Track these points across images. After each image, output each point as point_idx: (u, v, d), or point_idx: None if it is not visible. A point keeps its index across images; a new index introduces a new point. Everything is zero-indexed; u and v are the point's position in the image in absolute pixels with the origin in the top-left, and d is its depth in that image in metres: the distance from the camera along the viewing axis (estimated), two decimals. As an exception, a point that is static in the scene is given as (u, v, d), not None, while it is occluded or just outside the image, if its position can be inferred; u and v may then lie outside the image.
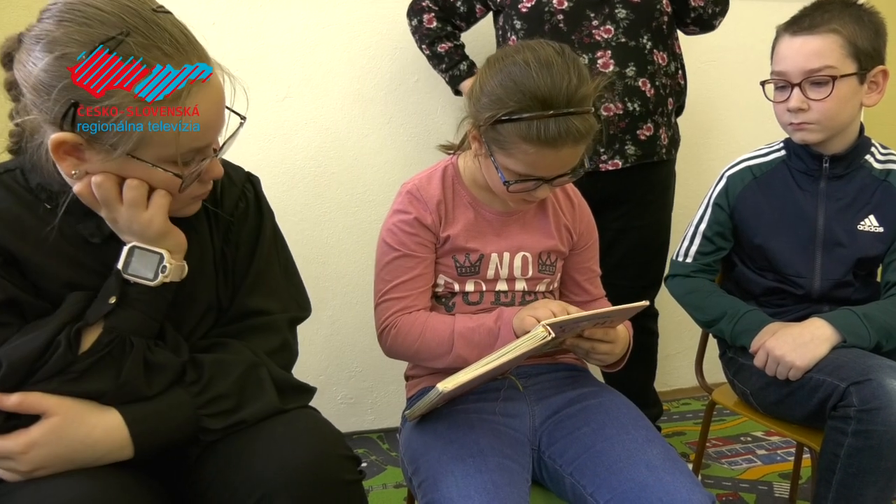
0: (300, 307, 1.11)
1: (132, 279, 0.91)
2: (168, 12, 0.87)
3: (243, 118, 0.94)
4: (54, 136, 0.83)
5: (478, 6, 1.96)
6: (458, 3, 1.95)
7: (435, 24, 1.97)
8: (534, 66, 1.09)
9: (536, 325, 1.04)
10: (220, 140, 0.94)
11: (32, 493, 0.81)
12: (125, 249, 0.91)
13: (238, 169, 1.11)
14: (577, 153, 1.14)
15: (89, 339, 0.88)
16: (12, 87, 0.88)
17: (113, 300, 0.89)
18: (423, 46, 2.01)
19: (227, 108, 0.92)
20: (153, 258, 0.91)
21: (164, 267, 0.91)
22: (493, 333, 1.18)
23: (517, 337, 1.13)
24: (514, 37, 1.85)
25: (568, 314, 1.10)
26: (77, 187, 0.87)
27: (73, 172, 0.86)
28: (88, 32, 0.80)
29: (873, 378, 1.21)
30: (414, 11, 1.99)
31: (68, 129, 0.82)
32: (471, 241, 1.27)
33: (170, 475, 0.96)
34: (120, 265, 0.90)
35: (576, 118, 1.09)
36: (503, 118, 1.10)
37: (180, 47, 0.85)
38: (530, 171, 1.14)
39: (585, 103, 1.10)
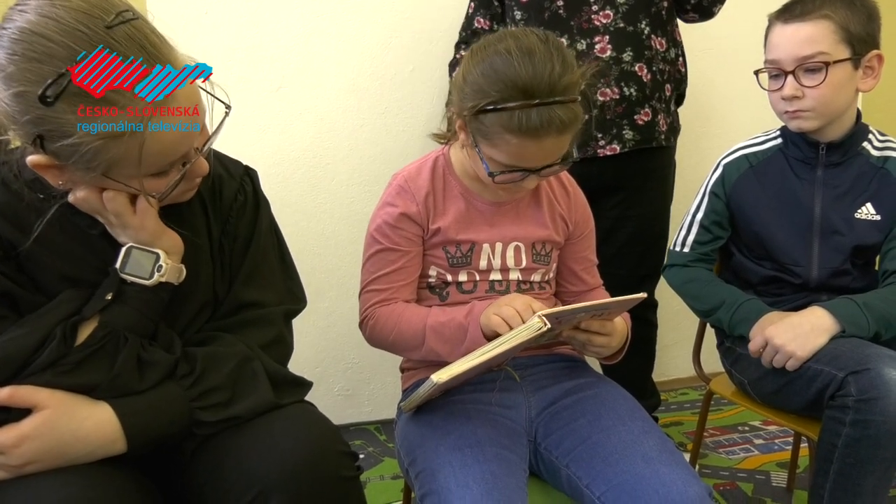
0: (296, 299, 1.11)
1: (129, 278, 0.92)
2: (129, 20, 0.81)
3: (228, 107, 0.92)
4: (29, 157, 0.83)
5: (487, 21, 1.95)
6: (479, 27, 1.95)
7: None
8: (515, 55, 1.07)
9: (533, 316, 1.03)
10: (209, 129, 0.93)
11: (25, 491, 0.80)
12: (122, 250, 0.92)
13: (236, 163, 1.11)
14: (562, 143, 1.13)
15: (84, 333, 0.88)
16: None
17: (109, 296, 0.90)
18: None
19: (207, 92, 0.90)
20: (149, 258, 0.93)
21: (161, 266, 0.92)
22: (463, 329, 1.17)
23: (484, 334, 1.12)
24: (514, 28, 1.84)
25: (531, 308, 1.08)
26: (70, 198, 0.89)
27: (59, 183, 0.87)
28: (39, 70, 0.77)
29: (872, 368, 1.20)
30: (453, 65, 2.01)
31: (41, 153, 0.82)
32: (462, 232, 1.26)
33: (165, 472, 0.96)
34: (117, 264, 0.92)
35: (559, 108, 1.07)
36: (485, 108, 1.09)
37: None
38: (514, 161, 1.13)
39: (570, 92, 1.08)
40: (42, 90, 0.77)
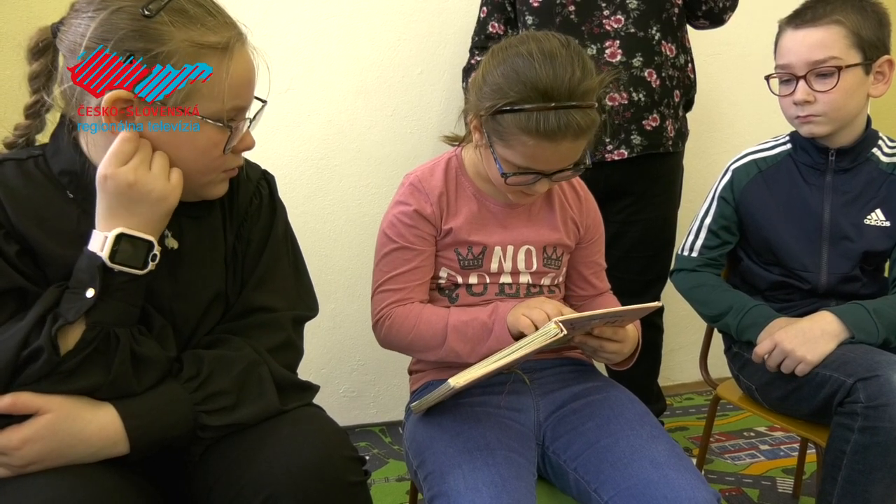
0: (307, 307, 1.10)
1: (118, 268, 0.86)
2: None
3: (264, 101, 0.97)
4: (108, 94, 0.84)
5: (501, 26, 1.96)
6: (493, 31, 1.95)
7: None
8: (537, 58, 1.08)
9: (548, 322, 1.04)
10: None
11: (13, 491, 0.80)
12: (110, 237, 0.85)
13: (255, 166, 1.11)
14: (577, 148, 1.13)
15: (73, 336, 0.85)
16: (36, 77, 0.91)
17: (91, 293, 0.85)
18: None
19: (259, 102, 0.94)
20: (142, 246, 0.87)
21: (154, 256, 0.89)
22: (487, 328, 1.17)
23: (510, 333, 1.13)
24: (525, 33, 1.84)
25: (562, 314, 1.08)
26: (123, 133, 0.86)
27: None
28: None
29: (881, 374, 1.20)
30: (467, 70, 2.00)
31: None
32: (473, 234, 1.26)
33: (172, 476, 0.95)
34: (105, 254, 0.85)
35: (577, 112, 1.07)
36: (503, 108, 1.09)
37: (218, 8, 0.93)
38: (529, 163, 1.13)
39: (588, 97, 1.09)
40: (145, 4, 0.84)
